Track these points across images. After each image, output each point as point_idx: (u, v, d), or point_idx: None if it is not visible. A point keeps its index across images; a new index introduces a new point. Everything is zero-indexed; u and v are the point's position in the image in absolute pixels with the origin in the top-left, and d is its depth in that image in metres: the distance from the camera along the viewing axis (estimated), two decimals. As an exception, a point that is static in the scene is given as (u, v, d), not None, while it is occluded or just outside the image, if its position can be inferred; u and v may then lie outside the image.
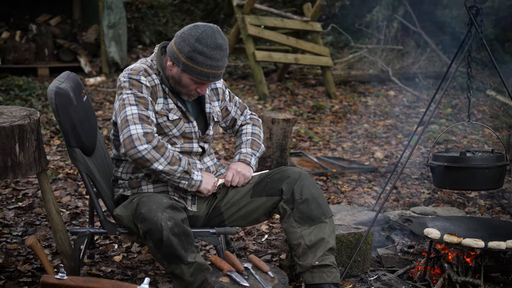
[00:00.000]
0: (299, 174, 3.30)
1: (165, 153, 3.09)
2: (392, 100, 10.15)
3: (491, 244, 3.45)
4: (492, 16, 13.71)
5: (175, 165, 3.11)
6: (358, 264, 3.81)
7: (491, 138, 8.13)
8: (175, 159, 3.11)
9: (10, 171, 3.13)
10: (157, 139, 3.08)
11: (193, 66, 3.09)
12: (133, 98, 3.12)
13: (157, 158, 3.06)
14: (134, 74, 3.16)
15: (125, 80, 3.16)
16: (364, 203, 5.36)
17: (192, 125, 3.28)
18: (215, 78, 3.16)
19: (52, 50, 10.81)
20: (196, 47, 3.07)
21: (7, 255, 3.97)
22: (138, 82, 3.15)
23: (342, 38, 13.45)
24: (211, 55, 3.08)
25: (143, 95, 3.14)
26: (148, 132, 3.07)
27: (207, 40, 3.07)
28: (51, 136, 6.84)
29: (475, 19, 3.81)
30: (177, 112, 3.24)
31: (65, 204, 4.94)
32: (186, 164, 3.15)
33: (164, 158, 3.08)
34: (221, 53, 3.11)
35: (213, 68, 3.11)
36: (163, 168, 3.08)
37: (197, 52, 3.07)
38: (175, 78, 3.18)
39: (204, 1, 14.09)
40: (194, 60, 3.08)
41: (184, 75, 3.14)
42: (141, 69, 3.20)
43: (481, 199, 5.60)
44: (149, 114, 3.12)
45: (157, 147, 3.06)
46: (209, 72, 3.11)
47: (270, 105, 9.00)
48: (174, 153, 3.14)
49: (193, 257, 3.03)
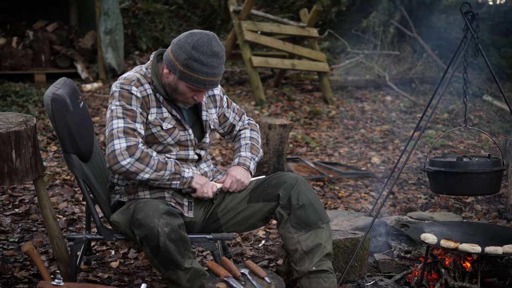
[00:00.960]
0: (296, 180, 3.30)
1: (150, 162, 3.10)
2: (389, 106, 10.16)
3: (488, 249, 3.45)
4: (488, 21, 13.76)
5: (162, 170, 3.12)
6: (355, 270, 3.81)
7: (487, 143, 8.15)
8: (161, 165, 3.13)
9: (7, 177, 3.13)
10: (140, 150, 3.09)
11: (190, 73, 3.09)
12: (120, 111, 3.13)
13: (142, 168, 3.09)
14: (126, 84, 3.16)
15: (116, 90, 3.17)
16: (361, 209, 5.36)
17: (187, 133, 3.28)
18: (212, 85, 3.15)
19: (48, 56, 10.82)
20: (192, 54, 3.07)
21: (3, 261, 3.96)
22: (128, 93, 3.15)
23: (339, 43, 13.47)
24: (207, 63, 3.08)
25: (131, 107, 3.14)
26: (131, 145, 3.08)
27: (204, 48, 3.07)
28: (48, 142, 6.83)
29: (471, 24, 3.82)
30: (171, 121, 3.24)
31: (61, 210, 4.94)
32: (173, 166, 3.16)
33: (150, 167, 3.10)
34: (217, 60, 3.11)
35: (210, 76, 3.11)
36: (149, 176, 3.11)
37: (194, 59, 3.07)
38: (172, 85, 3.17)
39: (201, 7, 14.11)
40: (191, 68, 3.08)
41: (181, 83, 3.14)
42: (134, 78, 3.20)
43: (478, 204, 5.60)
44: (136, 127, 3.13)
45: (140, 159, 3.08)
46: (205, 80, 3.11)
47: (267, 111, 9.01)
48: (160, 158, 3.15)
49: (190, 263, 3.03)
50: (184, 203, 3.28)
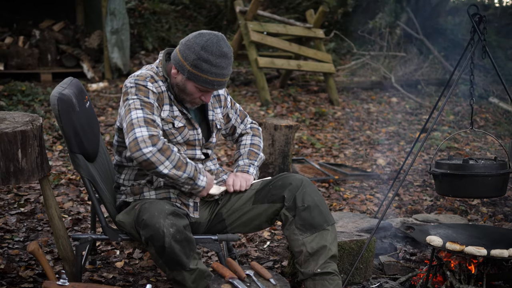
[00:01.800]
0: (301, 181, 3.30)
1: (171, 156, 3.06)
2: (395, 107, 10.15)
3: (494, 252, 3.44)
4: (495, 23, 13.74)
5: (181, 170, 3.08)
6: (360, 272, 3.80)
7: (493, 146, 8.13)
8: (181, 163, 3.09)
9: (13, 177, 3.13)
10: (162, 141, 3.06)
11: (199, 74, 3.09)
12: (138, 103, 3.11)
13: (162, 161, 3.04)
14: (141, 80, 3.16)
15: (131, 86, 3.15)
16: (366, 210, 5.35)
17: (196, 132, 3.28)
18: (220, 86, 3.16)
19: (55, 56, 10.83)
20: (201, 55, 3.07)
21: (8, 260, 3.97)
22: (145, 87, 3.15)
23: (345, 44, 13.46)
24: (216, 63, 3.08)
25: (149, 100, 3.13)
26: (154, 134, 3.04)
27: (213, 48, 3.07)
28: (54, 141, 6.84)
29: (478, 26, 3.82)
30: (182, 119, 3.24)
31: (67, 210, 4.94)
32: (192, 171, 3.13)
33: (170, 161, 3.06)
34: (226, 61, 3.11)
35: (219, 76, 3.11)
36: (168, 172, 3.06)
37: (203, 60, 3.07)
38: (180, 86, 3.17)
39: (207, 7, 14.12)
40: (200, 68, 3.08)
41: (189, 83, 3.14)
42: (148, 75, 3.20)
43: (483, 207, 5.59)
44: (155, 118, 3.11)
45: (162, 150, 3.04)
46: (214, 80, 3.11)
47: (272, 112, 9.00)
48: (181, 156, 3.12)
49: (195, 264, 3.02)
50: (190, 204, 3.28)
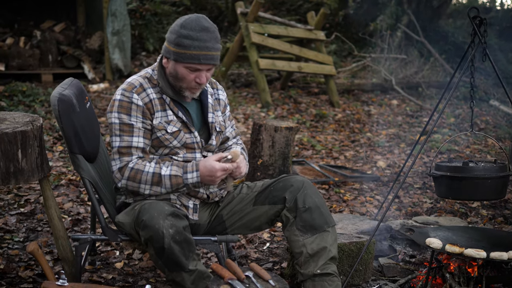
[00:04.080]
0: (302, 183, 3.30)
1: (142, 178, 3.12)
2: (395, 109, 10.15)
3: (493, 254, 3.44)
4: (495, 26, 13.74)
5: (159, 186, 3.12)
6: (360, 273, 3.80)
7: (494, 148, 8.13)
8: (156, 179, 3.12)
9: (13, 177, 3.14)
10: (128, 169, 3.12)
11: (182, 51, 3.10)
12: (118, 128, 3.17)
13: (137, 186, 3.14)
14: (128, 91, 3.18)
15: (117, 99, 3.19)
16: (366, 212, 5.35)
17: (193, 135, 3.27)
18: (207, 60, 3.13)
19: (56, 57, 10.84)
20: (181, 33, 3.09)
21: (8, 261, 3.97)
22: (128, 102, 3.16)
23: (346, 46, 13.47)
24: (197, 37, 3.08)
25: (130, 121, 3.16)
26: (122, 166, 3.14)
27: (192, 24, 3.10)
28: (54, 142, 6.84)
29: (478, 29, 3.82)
30: (177, 123, 3.23)
31: (67, 210, 4.94)
32: (169, 183, 3.12)
33: (144, 183, 3.12)
34: (208, 35, 3.11)
35: (203, 49, 3.10)
36: (149, 192, 3.15)
37: (183, 36, 3.09)
38: (172, 73, 3.18)
39: (208, 9, 14.14)
40: (182, 46, 3.09)
41: (178, 66, 3.14)
42: (137, 84, 3.21)
43: (483, 209, 5.59)
44: (132, 142, 3.16)
45: (130, 178, 3.13)
46: (199, 54, 3.10)
47: (273, 113, 9.01)
48: (155, 170, 3.12)
49: (195, 265, 3.02)
50: (190, 206, 3.28)
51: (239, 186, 3.49)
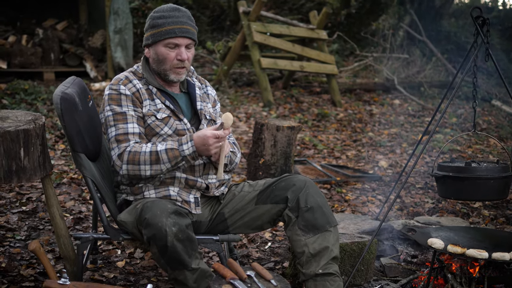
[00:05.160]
0: (305, 182, 3.30)
1: (140, 159, 3.13)
2: (397, 109, 10.15)
3: (495, 255, 3.44)
4: (498, 26, 13.74)
5: (159, 163, 3.12)
6: (361, 273, 3.80)
7: (496, 149, 8.12)
8: (154, 157, 3.12)
9: (15, 175, 3.14)
10: (127, 153, 3.15)
11: (157, 31, 3.23)
12: (111, 118, 3.22)
13: (137, 169, 3.14)
14: (115, 85, 3.27)
15: (106, 94, 3.27)
16: (368, 212, 5.35)
17: (183, 122, 3.29)
18: (182, 33, 3.23)
19: (58, 55, 10.85)
20: (154, 16, 3.27)
21: (10, 259, 3.97)
22: (117, 94, 3.24)
23: (348, 46, 13.46)
24: (169, 15, 3.23)
25: (122, 109, 3.21)
26: (121, 152, 3.16)
27: (163, 8, 3.29)
28: (56, 140, 6.85)
29: (481, 29, 3.81)
30: (165, 111, 3.27)
31: (68, 208, 4.95)
32: (166, 156, 3.11)
33: (144, 164, 3.13)
34: (180, 13, 3.26)
35: (177, 24, 3.22)
36: (150, 173, 3.15)
37: (157, 18, 3.25)
38: (154, 58, 3.29)
39: (210, 8, 14.12)
40: (156, 26, 3.24)
41: (157, 47, 3.26)
42: (122, 77, 3.31)
43: (485, 210, 5.58)
44: (127, 128, 3.19)
45: (129, 161, 3.14)
46: (174, 28, 3.22)
47: (275, 112, 9.01)
48: (151, 149, 3.13)
49: (197, 264, 3.02)
50: (191, 200, 3.27)
51: (240, 185, 3.50)
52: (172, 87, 3.38)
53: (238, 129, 8.03)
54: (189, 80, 3.46)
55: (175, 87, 3.39)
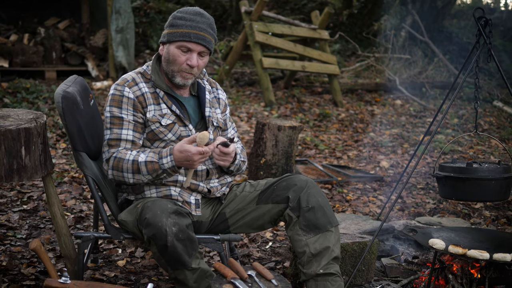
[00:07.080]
0: (306, 182, 3.29)
1: (123, 167, 3.11)
2: (399, 109, 10.14)
3: (496, 256, 3.43)
4: (500, 26, 13.73)
5: (139, 173, 3.11)
6: (362, 274, 3.80)
7: (497, 149, 8.11)
8: (136, 167, 3.11)
9: (16, 174, 3.13)
10: (112, 158, 3.14)
11: (175, 31, 3.18)
12: (109, 121, 3.20)
13: (121, 175, 3.13)
14: (120, 85, 3.23)
15: (110, 93, 3.24)
16: (369, 212, 5.34)
17: (188, 128, 3.26)
18: (198, 39, 3.17)
19: (59, 54, 10.85)
20: (176, 15, 3.22)
21: (11, 257, 3.97)
22: (119, 95, 3.19)
23: (350, 46, 13.46)
24: (191, 19, 3.19)
25: (120, 114, 3.18)
26: (108, 157, 3.16)
27: (187, 10, 3.24)
28: (57, 139, 6.85)
29: (483, 30, 3.81)
30: (171, 116, 3.23)
31: (69, 207, 4.95)
32: (146, 168, 3.09)
33: (126, 172, 3.12)
34: (202, 19, 3.21)
35: (194, 29, 3.17)
36: (133, 181, 3.14)
37: (178, 18, 3.20)
38: (166, 57, 3.23)
39: (212, 7, 14.13)
40: (175, 26, 3.19)
41: (171, 47, 3.20)
42: (129, 78, 3.25)
43: (486, 210, 5.58)
44: (120, 134, 3.17)
45: (114, 167, 3.13)
46: (190, 32, 3.16)
47: (276, 112, 9.00)
48: (134, 158, 3.11)
49: (197, 263, 3.02)
50: (191, 201, 3.27)
51: (242, 184, 3.49)
52: (181, 90, 3.33)
53: (239, 128, 8.03)
54: (199, 82, 3.43)
55: (184, 90, 3.35)
